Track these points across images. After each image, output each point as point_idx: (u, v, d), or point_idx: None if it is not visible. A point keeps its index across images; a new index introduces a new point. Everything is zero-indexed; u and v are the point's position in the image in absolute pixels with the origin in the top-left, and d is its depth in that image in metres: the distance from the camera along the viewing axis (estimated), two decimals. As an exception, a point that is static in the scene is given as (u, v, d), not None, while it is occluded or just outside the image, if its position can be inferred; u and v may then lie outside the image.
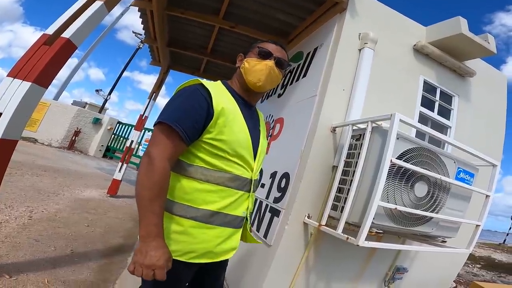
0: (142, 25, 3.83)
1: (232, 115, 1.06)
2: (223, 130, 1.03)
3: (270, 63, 1.16)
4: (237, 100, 1.15)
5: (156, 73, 5.68)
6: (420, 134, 2.12)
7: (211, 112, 1.01)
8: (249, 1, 2.74)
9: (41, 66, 1.61)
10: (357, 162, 1.58)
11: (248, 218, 1.22)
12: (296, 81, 2.53)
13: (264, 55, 1.17)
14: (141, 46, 17.37)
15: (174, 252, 0.97)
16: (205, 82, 1.06)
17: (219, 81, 1.19)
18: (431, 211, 1.64)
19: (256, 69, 1.16)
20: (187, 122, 0.97)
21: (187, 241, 1.01)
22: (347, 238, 1.49)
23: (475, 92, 2.56)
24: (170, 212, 1.01)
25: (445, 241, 1.91)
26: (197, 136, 1.01)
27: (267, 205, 2.17)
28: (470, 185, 1.77)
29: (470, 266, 7.44)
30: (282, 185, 2.05)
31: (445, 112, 2.41)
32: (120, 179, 5.17)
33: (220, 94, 1.07)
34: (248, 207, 1.17)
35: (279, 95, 2.79)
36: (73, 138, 10.34)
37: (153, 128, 1.02)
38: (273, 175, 2.24)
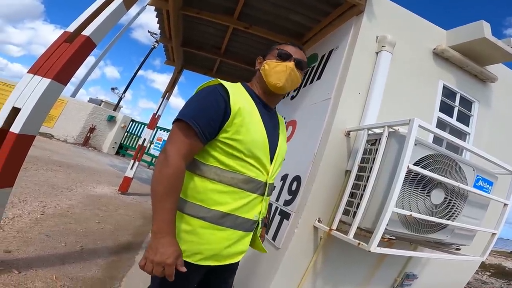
0: (158, 25, 3.88)
1: (249, 115, 1.06)
2: (240, 130, 1.03)
3: (290, 64, 1.17)
4: (256, 102, 1.14)
5: (169, 72, 5.76)
6: (437, 140, 2.06)
7: (228, 111, 1.01)
8: (263, 2, 2.73)
9: (61, 63, 1.63)
10: (371, 167, 1.55)
11: (260, 222, 1.20)
12: (310, 83, 2.50)
13: (284, 56, 1.18)
14: (156, 45, 17.61)
15: (183, 252, 0.97)
16: (224, 82, 1.06)
17: (239, 83, 1.19)
18: (447, 219, 1.60)
19: (276, 71, 1.16)
20: (204, 120, 0.98)
21: (195, 241, 1.01)
22: (359, 243, 1.47)
23: (495, 98, 2.49)
24: (181, 211, 1.01)
25: (459, 249, 1.86)
26: (214, 134, 1.02)
27: (277, 207, 2.15)
28: (489, 193, 1.72)
29: (479, 273, 7.22)
30: (293, 188, 2.03)
31: (464, 118, 2.34)
32: (131, 176, 5.23)
33: (238, 95, 1.07)
34: (261, 211, 1.16)
35: (292, 97, 2.77)
36: (88, 135, 10.55)
37: (171, 126, 1.02)
38: (284, 178, 2.22)
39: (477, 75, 2.35)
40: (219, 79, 1.08)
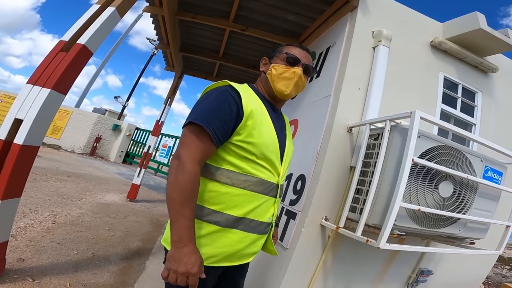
0: (155, 31, 3.90)
1: (260, 117, 1.04)
2: (253, 132, 1.01)
3: (298, 70, 1.14)
4: (264, 103, 1.13)
5: (170, 77, 5.76)
6: (442, 132, 2.03)
7: (240, 114, 0.99)
8: (258, 3, 2.73)
9: (60, 73, 1.64)
10: (375, 162, 1.52)
11: (273, 224, 1.18)
12: (309, 81, 2.49)
13: (292, 61, 1.15)
14: (155, 52, 17.70)
15: None
16: (233, 83, 1.04)
17: (245, 84, 1.17)
18: (457, 212, 1.56)
19: (284, 77, 1.14)
20: (217, 123, 0.94)
21: (210, 245, 1.00)
22: (367, 240, 1.44)
23: (499, 88, 2.45)
24: (195, 216, 0.99)
25: (474, 243, 1.81)
26: (227, 137, 0.99)
27: (282, 207, 2.14)
28: (499, 184, 1.67)
29: (499, 267, 7.06)
30: (298, 187, 2.01)
31: (468, 109, 2.30)
32: (138, 183, 5.28)
33: (249, 96, 1.05)
34: (274, 213, 1.14)
35: (293, 97, 2.75)
36: (95, 145, 10.68)
37: (182, 130, 0.99)
38: (289, 177, 2.20)
39: (477, 66, 2.33)
40: (227, 81, 1.06)
